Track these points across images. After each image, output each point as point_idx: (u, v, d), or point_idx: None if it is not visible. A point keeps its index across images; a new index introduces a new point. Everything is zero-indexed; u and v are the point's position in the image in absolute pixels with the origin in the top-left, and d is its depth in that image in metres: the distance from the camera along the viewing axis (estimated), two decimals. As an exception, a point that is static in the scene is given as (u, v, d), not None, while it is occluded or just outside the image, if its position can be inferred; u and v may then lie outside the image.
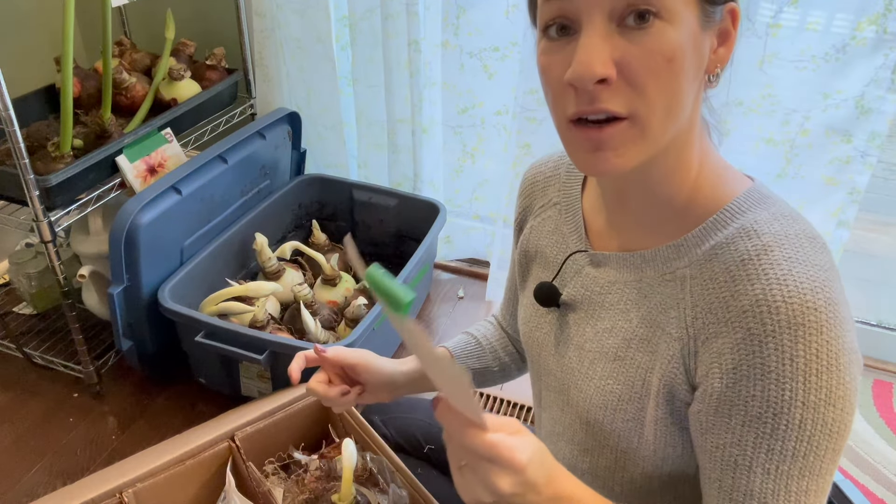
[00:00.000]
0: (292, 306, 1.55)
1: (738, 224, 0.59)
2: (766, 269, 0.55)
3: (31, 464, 1.37)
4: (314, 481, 1.07)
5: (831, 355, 0.53)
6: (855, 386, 0.55)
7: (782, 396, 0.54)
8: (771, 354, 0.54)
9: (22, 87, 1.53)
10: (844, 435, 0.56)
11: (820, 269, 0.55)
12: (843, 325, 0.54)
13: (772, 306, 0.54)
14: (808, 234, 0.58)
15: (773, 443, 0.55)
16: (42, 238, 1.29)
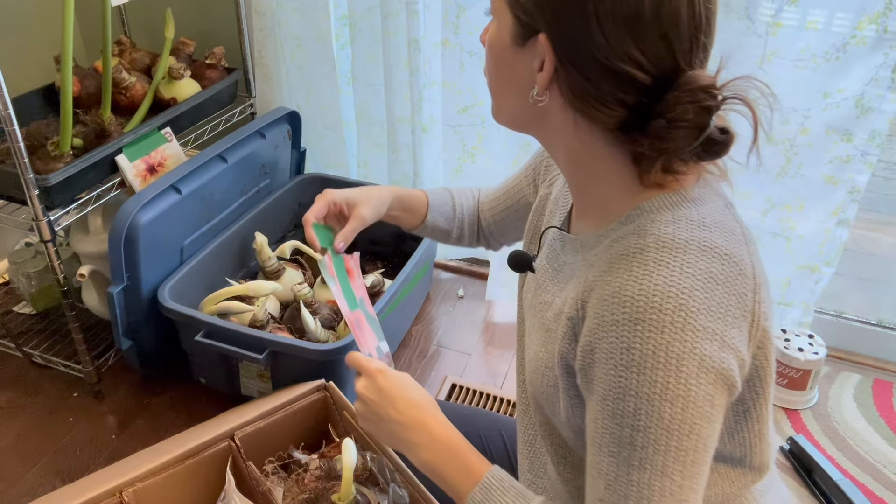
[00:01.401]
0: (292, 306, 1.55)
1: (639, 223, 0.63)
2: (633, 266, 0.59)
3: (31, 463, 1.37)
4: (314, 481, 1.07)
5: (671, 355, 0.56)
6: (706, 393, 0.57)
7: (619, 383, 0.58)
8: (614, 342, 0.58)
9: (22, 87, 1.53)
10: (687, 437, 0.57)
11: (689, 278, 0.57)
12: (695, 332, 0.56)
13: (622, 299, 0.58)
14: (703, 243, 0.59)
15: (614, 427, 0.60)
16: (42, 237, 1.29)
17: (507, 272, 1.84)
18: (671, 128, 0.59)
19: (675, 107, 0.58)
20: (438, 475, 0.72)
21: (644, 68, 0.58)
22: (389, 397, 0.75)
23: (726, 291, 0.59)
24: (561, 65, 0.61)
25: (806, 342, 1.55)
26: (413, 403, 0.75)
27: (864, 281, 2.07)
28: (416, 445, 0.73)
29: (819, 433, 1.50)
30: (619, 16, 0.57)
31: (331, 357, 1.29)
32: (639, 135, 0.61)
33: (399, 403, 0.74)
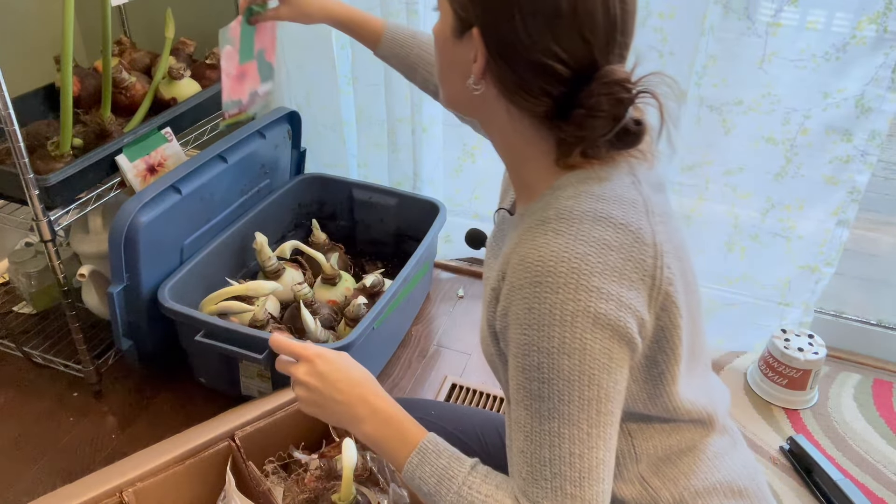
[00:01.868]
0: (292, 305, 1.55)
1: (547, 199, 0.70)
2: (536, 236, 0.67)
3: (30, 463, 1.37)
4: (314, 481, 1.07)
5: (565, 313, 0.63)
6: (602, 347, 0.64)
7: (524, 340, 0.65)
8: (519, 304, 0.66)
9: (21, 87, 1.53)
10: (587, 387, 0.64)
11: (583, 244, 0.64)
12: (588, 292, 0.63)
13: (525, 265, 0.65)
14: (598, 213, 0.66)
15: (524, 381, 0.67)
16: (42, 237, 1.29)
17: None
18: (589, 117, 0.65)
19: (592, 98, 0.65)
20: (380, 446, 0.77)
21: (564, 62, 0.65)
22: (332, 380, 0.78)
23: (621, 257, 0.65)
24: (491, 57, 0.68)
25: (806, 342, 1.55)
26: (355, 382, 0.78)
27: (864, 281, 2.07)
28: (359, 420, 0.77)
29: (819, 433, 1.50)
30: (540, 14, 0.63)
31: (331, 357, 1.29)
32: (562, 122, 0.68)
33: (342, 384, 0.78)
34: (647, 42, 1.45)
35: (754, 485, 0.81)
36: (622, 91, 0.65)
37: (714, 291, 1.68)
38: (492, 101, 0.72)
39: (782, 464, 1.43)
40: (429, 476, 0.72)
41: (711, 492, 0.77)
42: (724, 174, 1.53)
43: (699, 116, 1.49)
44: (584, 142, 0.68)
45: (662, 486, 0.76)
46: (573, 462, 0.65)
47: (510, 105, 0.70)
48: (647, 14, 1.43)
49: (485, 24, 0.67)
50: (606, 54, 0.66)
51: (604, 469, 0.66)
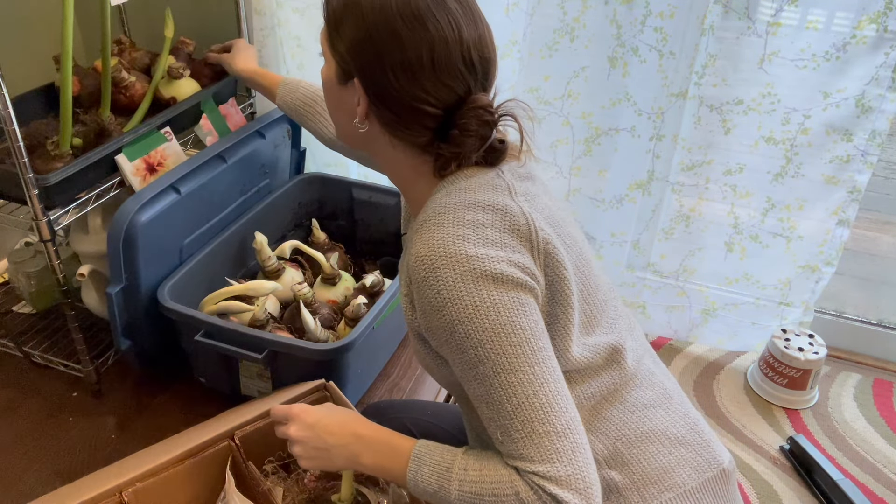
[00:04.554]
0: (292, 305, 1.55)
1: (427, 205, 0.82)
2: (422, 233, 0.77)
3: (30, 463, 1.37)
4: (314, 481, 1.07)
5: (467, 281, 0.72)
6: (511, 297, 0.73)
7: (444, 321, 0.74)
8: (426, 292, 0.74)
9: (21, 86, 1.53)
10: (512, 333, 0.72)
11: (461, 227, 0.75)
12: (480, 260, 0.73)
13: (419, 259, 0.75)
14: (467, 201, 0.77)
15: (461, 356, 0.74)
16: (41, 237, 1.29)
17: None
18: (462, 136, 0.79)
19: (463, 121, 0.78)
20: (382, 471, 0.83)
21: (432, 104, 0.78)
22: (322, 427, 0.86)
23: (497, 230, 0.76)
24: (372, 103, 0.81)
25: (806, 342, 1.55)
26: (343, 422, 0.86)
27: (864, 281, 2.07)
28: (357, 455, 0.83)
29: (819, 433, 1.50)
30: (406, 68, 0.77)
31: (331, 357, 1.29)
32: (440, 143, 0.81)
33: (333, 427, 0.86)
34: (648, 42, 1.45)
35: (693, 433, 0.85)
36: (486, 114, 0.79)
37: (714, 291, 1.68)
38: (377, 136, 0.84)
39: (782, 464, 1.43)
40: (428, 476, 0.75)
41: (644, 439, 0.82)
42: (724, 174, 1.53)
43: (699, 116, 1.49)
44: (458, 157, 0.81)
45: (596, 440, 0.81)
46: (532, 403, 0.71)
47: (393, 138, 0.83)
48: (647, 14, 1.43)
49: (362, 75, 0.80)
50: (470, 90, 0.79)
51: (561, 398, 0.72)
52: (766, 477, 1.40)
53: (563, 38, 1.49)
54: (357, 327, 1.33)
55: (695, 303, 1.70)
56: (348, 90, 0.84)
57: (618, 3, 1.43)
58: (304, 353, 1.28)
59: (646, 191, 1.60)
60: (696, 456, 0.83)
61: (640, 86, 1.49)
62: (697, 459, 0.83)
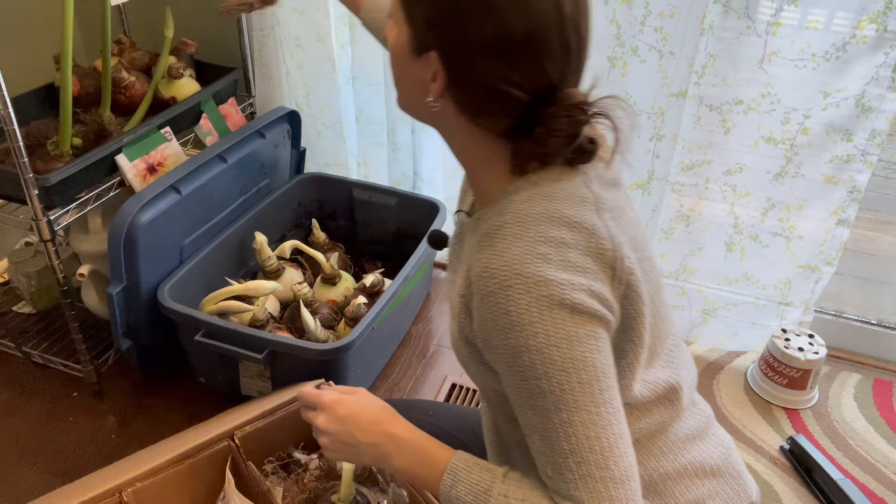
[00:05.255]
0: (292, 305, 1.55)
1: (501, 204, 0.72)
2: (495, 241, 0.69)
3: (30, 463, 1.37)
4: (314, 481, 1.07)
5: (542, 308, 0.65)
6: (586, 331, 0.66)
7: (510, 344, 0.66)
8: (494, 310, 0.67)
9: (21, 86, 1.53)
10: (583, 370, 0.66)
11: (543, 244, 0.67)
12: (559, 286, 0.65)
13: (490, 272, 0.67)
14: (552, 214, 0.69)
15: (522, 383, 0.67)
16: (41, 237, 1.29)
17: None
18: (549, 136, 0.69)
19: (552, 119, 0.68)
20: (412, 476, 0.77)
21: (522, 88, 0.67)
22: (353, 422, 0.79)
23: (580, 252, 0.68)
24: (451, 81, 0.70)
25: (806, 342, 1.55)
26: (377, 420, 0.79)
27: (863, 281, 2.07)
28: (387, 456, 0.78)
29: (819, 433, 1.50)
30: (497, 44, 0.66)
31: (331, 357, 1.29)
32: (521, 138, 0.71)
33: (363, 425, 0.79)
34: (647, 42, 1.45)
35: (727, 464, 0.83)
36: (580, 113, 0.68)
37: (714, 291, 1.68)
38: (449, 116, 0.74)
39: (782, 464, 1.43)
40: (464, 494, 0.72)
41: (682, 473, 0.79)
42: (724, 174, 1.53)
43: (699, 116, 1.49)
44: (540, 157, 0.71)
45: None
46: (592, 446, 0.65)
47: (469, 122, 0.72)
48: (647, 14, 1.43)
49: (443, 49, 0.68)
50: (563, 78, 0.69)
51: (623, 443, 0.67)
52: (766, 477, 1.40)
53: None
54: (357, 327, 1.33)
55: (695, 303, 1.70)
56: (421, 63, 0.71)
57: (617, 2, 1.43)
58: (304, 353, 1.29)
59: (646, 191, 1.60)
60: (728, 488, 0.82)
61: (640, 86, 1.49)
62: (728, 492, 0.82)
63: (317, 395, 0.82)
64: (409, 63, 0.73)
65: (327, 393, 0.82)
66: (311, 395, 0.83)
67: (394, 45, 0.74)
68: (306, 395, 0.83)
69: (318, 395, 0.82)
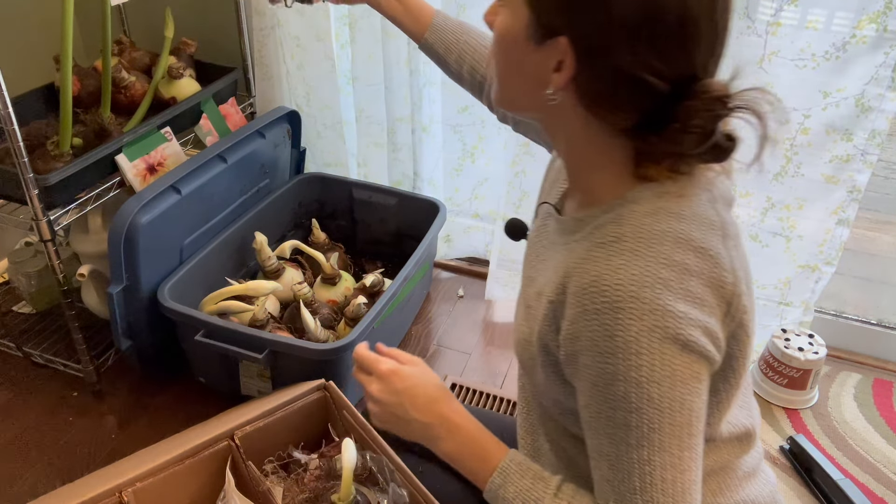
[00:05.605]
0: (292, 305, 1.55)
1: (619, 212, 0.65)
2: (611, 255, 0.62)
3: (30, 463, 1.37)
4: (314, 480, 1.07)
5: (653, 340, 0.59)
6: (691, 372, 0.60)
7: (606, 370, 0.61)
8: (596, 330, 0.61)
9: (21, 86, 1.53)
10: (678, 412, 0.60)
11: (665, 268, 0.60)
12: (675, 318, 0.59)
13: (601, 288, 0.60)
14: (679, 235, 0.61)
15: (608, 411, 0.62)
16: (41, 237, 1.29)
17: (506, 272, 1.84)
18: (684, 132, 0.61)
19: (691, 115, 0.60)
20: (459, 464, 0.74)
21: (664, 77, 0.60)
22: (409, 397, 0.75)
23: (702, 283, 0.61)
24: (582, 70, 0.61)
25: (806, 342, 1.55)
26: (433, 398, 0.75)
27: (863, 280, 2.07)
28: (437, 439, 0.74)
29: (819, 433, 1.50)
30: (642, 27, 0.58)
31: (331, 357, 1.29)
32: (649, 136, 0.63)
33: (419, 401, 0.75)
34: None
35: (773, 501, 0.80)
36: (721, 107, 0.61)
37: (714, 291, 1.68)
38: (566, 110, 0.65)
39: (782, 464, 1.43)
40: (513, 497, 0.70)
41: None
42: (724, 174, 1.53)
43: (699, 116, 1.49)
44: (672, 157, 0.64)
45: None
46: (665, 488, 0.61)
47: (589, 115, 0.64)
48: (647, 13, 1.43)
49: (577, 35, 0.60)
50: (705, 67, 0.62)
51: (696, 490, 0.63)
52: (767, 478, 1.40)
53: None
54: (357, 327, 1.33)
55: (695, 302, 1.71)
56: (544, 51, 0.62)
57: (618, 2, 1.44)
58: (304, 353, 1.29)
59: (646, 191, 1.61)
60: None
61: (640, 86, 1.50)
62: None
63: (374, 360, 0.77)
64: (525, 51, 0.64)
65: (385, 361, 0.77)
66: (367, 359, 0.78)
67: (504, 31, 0.66)
68: (363, 357, 0.79)
69: (375, 360, 0.77)
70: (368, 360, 0.78)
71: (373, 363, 0.77)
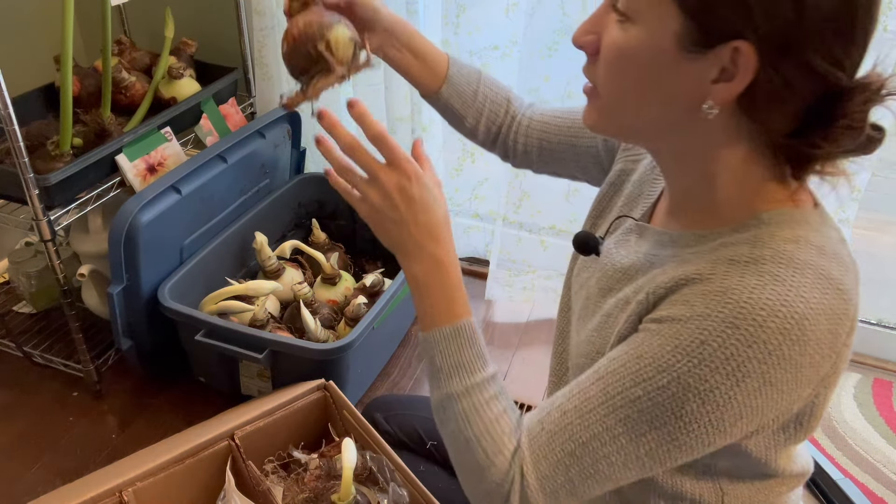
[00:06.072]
0: (292, 305, 1.55)
1: (756, 233, 0.59)
2: (745, 273, 0.56)
3: (30, 463, 1.37)
4: (314, 480, 1.07)
5: (743, 370, 0.54)
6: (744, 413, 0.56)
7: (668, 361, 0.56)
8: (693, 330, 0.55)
9: (21, 86, 1.53)
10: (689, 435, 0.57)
11: (802, 303, 0.54)
12: (780, 360, 0.54)
13: (725, 299, 0.55)
14: (821, 270, 0.56)
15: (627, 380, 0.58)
16: (42, 237, 1.29)
17: (506, 272, 1.84)
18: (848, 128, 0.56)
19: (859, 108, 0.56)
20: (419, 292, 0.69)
21: (846, 71, 0.55)
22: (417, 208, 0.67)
23: (828, 329, 0.55)
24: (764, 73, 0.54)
25: (806, 342, 1.55)
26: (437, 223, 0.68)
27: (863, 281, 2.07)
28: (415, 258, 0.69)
29: (819, 433, 1.50)
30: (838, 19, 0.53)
31: (331, 357, 1.29)
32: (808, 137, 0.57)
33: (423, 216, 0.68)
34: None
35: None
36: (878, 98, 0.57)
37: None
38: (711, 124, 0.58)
39: (782, 463, 1.43)
40: (450, 355, 0.67)
41: None
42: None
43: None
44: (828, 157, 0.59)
45: None
46: (598, 467, 0.60)
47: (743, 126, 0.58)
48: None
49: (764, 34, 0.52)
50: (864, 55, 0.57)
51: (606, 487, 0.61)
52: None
53: (563, 38, 1.49)
54: (357, 327, 1.33)
55: (695, 303, 1.71)
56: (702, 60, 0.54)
57: (618, 3, 1.44)
58: (304, 352, 1.29)
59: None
60: None
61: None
62: None
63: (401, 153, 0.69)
64: (670, 65, 0.56)
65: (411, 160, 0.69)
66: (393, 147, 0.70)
67: (632, 47, 0.57)
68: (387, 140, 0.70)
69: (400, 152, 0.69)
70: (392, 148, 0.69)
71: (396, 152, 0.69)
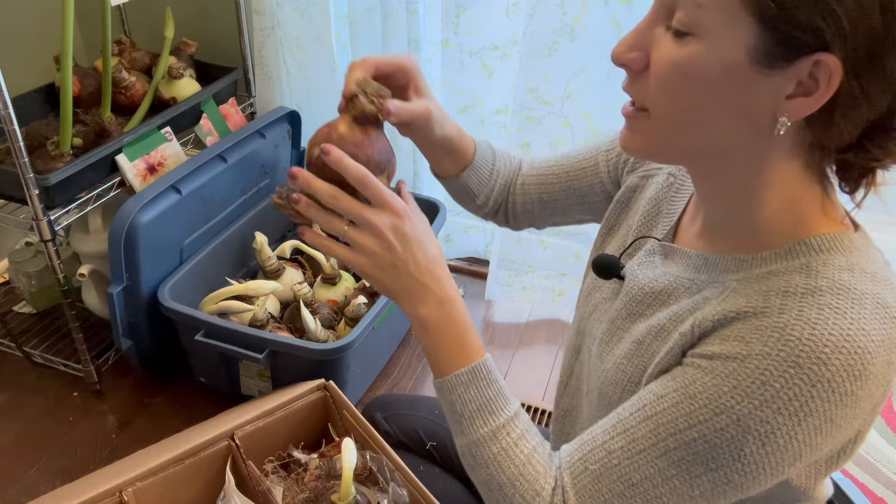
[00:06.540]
0: (292, 305, 1.55)
1: (806, 260, 0.57)
2: (803, 307, 0.53)
3: (31, 462, 1.37)
4: (314, 480, 1.07)
5: (806, 410, 0.52)
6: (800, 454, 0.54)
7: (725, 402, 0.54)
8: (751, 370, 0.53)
9: (21, 86, 1.53)
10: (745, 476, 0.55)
11: (865, 337, 0.52)
12: (843, 398, 0.52)
13: (785, 337, 0.52)
14: (878, 300, 0.54)
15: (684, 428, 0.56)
16: (42, 237, 1.29)
17: (506, 272, 1.84)
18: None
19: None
20: (429, 338, 0.68)
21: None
22: (414, 248, 0.65)
23: (885, 360, 0.53)
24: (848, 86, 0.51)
25: (806, 342, 1.55)
26: (432, 258, 0.66)
27: (863, 281, 2.07)
28: (421, 301, 0.67)
29: (819, 433, 1.50)
30: None
31: (331, 357, 1.29)
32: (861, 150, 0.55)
33: (420, 255, 0.65)
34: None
35: None
36: None
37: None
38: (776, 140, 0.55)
39: (782, 463, 1.43)
40: (470, 400, 0.64)
41: None
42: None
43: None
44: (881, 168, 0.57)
45: None
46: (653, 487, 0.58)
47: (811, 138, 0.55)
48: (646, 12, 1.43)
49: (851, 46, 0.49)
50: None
51: None
52: None
53: (562, 38, 1.50)
54: (357, 327, 1.33)
55: (695, 303, 1.71)
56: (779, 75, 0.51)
57: (618, 3, 1.44)
58: (304, 352, 1.29)
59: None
60: None
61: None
62: None
63: (384, 191, 0.64)
64: (739, 81, 0.52)
65: (398, 198, 0.65)
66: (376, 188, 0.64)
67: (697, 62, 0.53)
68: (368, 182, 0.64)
69: (389, 194, 0.64)
70: (376, 189, 0.64)
71: (382, 193, 0.64)
